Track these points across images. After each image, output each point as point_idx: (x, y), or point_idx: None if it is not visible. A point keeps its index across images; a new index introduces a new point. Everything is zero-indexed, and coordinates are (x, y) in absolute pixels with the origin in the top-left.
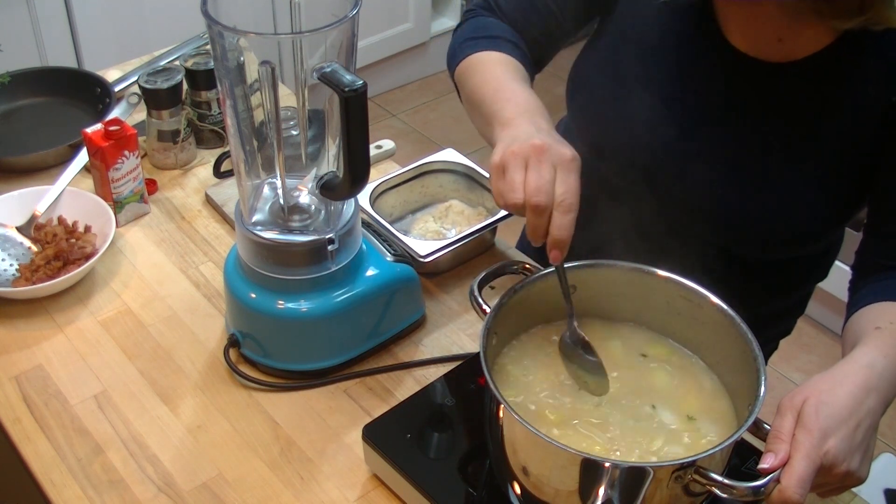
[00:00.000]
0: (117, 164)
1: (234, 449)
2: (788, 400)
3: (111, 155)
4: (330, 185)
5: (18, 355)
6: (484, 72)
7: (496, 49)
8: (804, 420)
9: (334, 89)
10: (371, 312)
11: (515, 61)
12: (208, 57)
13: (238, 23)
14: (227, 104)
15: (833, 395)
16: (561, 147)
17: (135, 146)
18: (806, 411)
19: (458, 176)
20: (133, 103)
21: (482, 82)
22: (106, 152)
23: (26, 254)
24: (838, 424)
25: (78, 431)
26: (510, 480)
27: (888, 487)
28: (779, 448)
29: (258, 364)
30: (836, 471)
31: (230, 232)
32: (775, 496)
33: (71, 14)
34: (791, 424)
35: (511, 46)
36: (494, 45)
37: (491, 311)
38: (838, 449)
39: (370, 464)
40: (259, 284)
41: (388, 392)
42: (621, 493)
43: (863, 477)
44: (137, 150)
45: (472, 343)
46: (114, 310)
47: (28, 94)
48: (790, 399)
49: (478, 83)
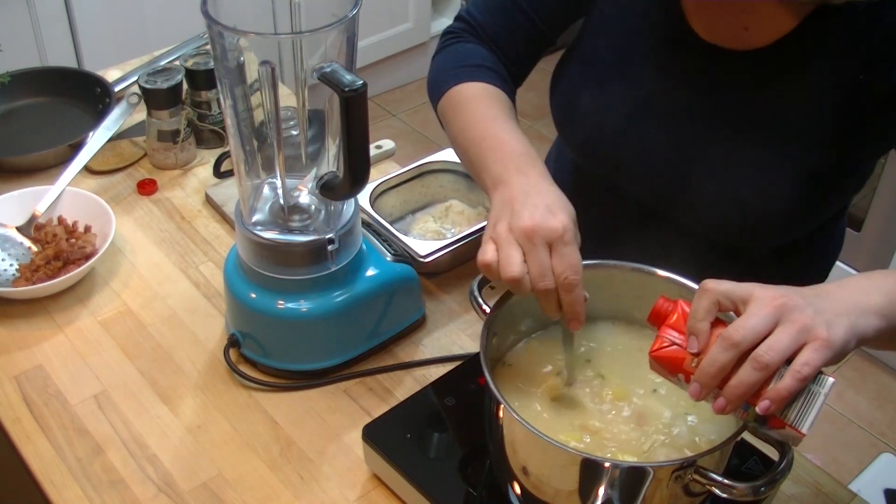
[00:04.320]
0: None
1: (234, 449)
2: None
3: None
4: (330, 185)
5: (18, 355)
6: (468, 112)
7: (477, 79)
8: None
9: (334, 89)
10: (371, 312)
11: (498, 92)
12: (208, 57)
13: (238, 23)
14: (227, 104)
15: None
16: (550, 220)
17: None
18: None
19: (458, 176)
20: (133, 103)
21: (466, 125)
22: None
23: (26, 254)
24: (802, 290)
25: (78, 431)
26: (510, 480)
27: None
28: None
29: (258, 364)
30: (793, 317)
31: (230, 232)
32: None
33: (71, 14)
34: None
35: (492, 75)
36: (476, 76)
37: (491, 311)
38: (795, 301)
39: (370, 464)
40: (259, 284)
41: (388, 392)
42: (621, 492)
43: (832, 338)
44: None
45: (472, 343)
46: (114, 310)
47: (28, 94)
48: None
49: (462, 126)
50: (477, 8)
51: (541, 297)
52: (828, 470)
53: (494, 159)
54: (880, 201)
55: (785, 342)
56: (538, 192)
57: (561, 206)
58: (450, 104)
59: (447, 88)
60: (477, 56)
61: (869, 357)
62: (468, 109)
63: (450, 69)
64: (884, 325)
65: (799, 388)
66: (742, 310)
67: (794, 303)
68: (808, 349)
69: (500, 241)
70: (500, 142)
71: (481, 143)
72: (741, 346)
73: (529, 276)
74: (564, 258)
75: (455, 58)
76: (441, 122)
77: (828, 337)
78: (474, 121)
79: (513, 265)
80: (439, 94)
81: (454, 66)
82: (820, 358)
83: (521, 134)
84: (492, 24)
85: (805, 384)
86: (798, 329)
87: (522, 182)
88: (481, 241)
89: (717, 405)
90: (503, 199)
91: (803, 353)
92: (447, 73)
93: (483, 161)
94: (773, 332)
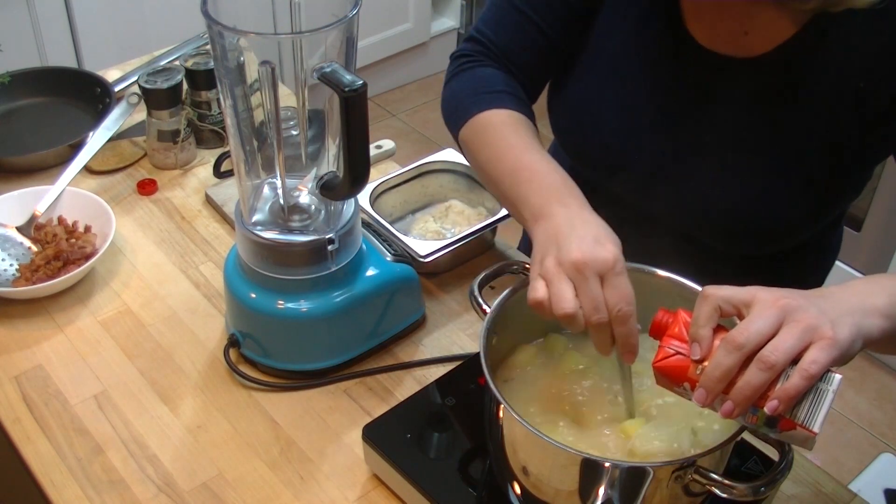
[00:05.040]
0: None
1: (234, 449)
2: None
3: None
4: (330, 185)
5: (18, 355)
6: (496, 142)
7: (500, 105)
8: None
9: (334, 89)
10: (371, 312)
11: (524, 118)
12: (208, 57)
13: (238, 23)
14: (227, 104)
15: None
16: (600, 252)
17: None
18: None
19: (458, 176)
20: (133, 103)
21: (496, 156)
22: None
23: (26, 254)
24: (806, 293)
25: (78, 431)
26: (510, 480)
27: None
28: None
29: (258, 364)
30: (797, 317)
31: (230, 232)
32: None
33: (71, 14)
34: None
35: (514, 100)
36: (497, 101)
37: (491, 311)
38: (798, 301)
39: (370, 464)
40: (259, 284)
41: (388, 392)
42: (621, 493)
43: (838, 337)
44: None
45: (472, 343)
46: (114, 310)
47: (28, 94)
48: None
49: (490, 156)
50: (487, 25)
51: (594, 331)
52: (828, 470)
53: (532, 191)
54: (880, 201)
55: (790, 342)
56: (583, 223)
57: (608, 236)
58: (475, 132)
59: (469, 116)
60: (496, 81)
61: (869, 357)
62: (496, 139)
63: (469, 96)
64: (889, 326)
65: (807, 386)
66: (745, 313)
67: (798, 303)
68: (814, 348)
69: (549, 277)
70: (535, 172)
71: (515, 175)
72: (746, 349)
73: (583, 311)
74: (617, 290)
75: (473, 83)
76: (463, 151)
77: (833, 335)
78: (505, 151)
79: (566, 301)
80: (461, 121)
81: (474, 93)
82: (827, 356)
83: (555, 162)
84: (503, 40)
85: (813, 382)
86: (803, 329)
87: (565, 213)
88: (529, 278)
89: (724, 409)
90: (547, 234)
91: (810, 351)
92: (467, 100)
93: (519, 193)
94: (778, 333)
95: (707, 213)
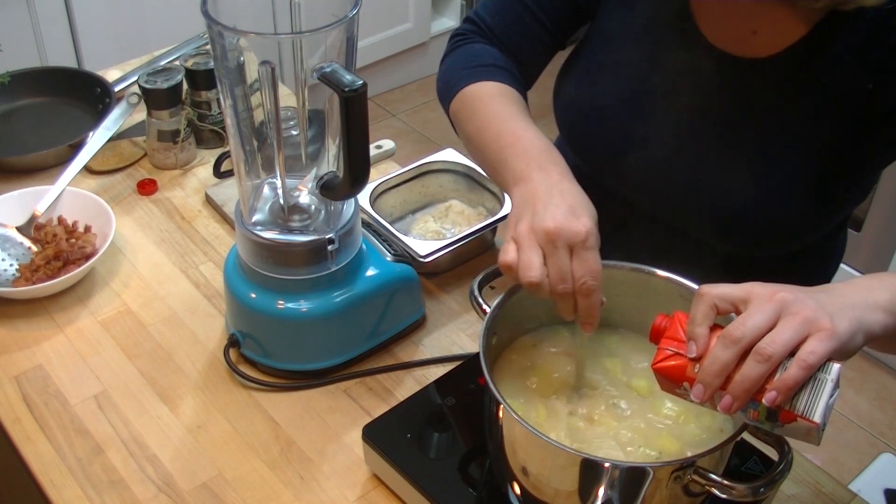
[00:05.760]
0: None
1: (234, 449)
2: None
3: None
4: (330, 185)
5: (18, 355)
6: (483, 111)
7: (490, 78)
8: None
9: (334, 89)
10: (371, 312)
11: (512, 90)
12: (208, 57)
13: (238, 23)
14: (227, 104)
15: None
16: (574, 223)
17: None
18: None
19: (458, 176)
20: (133, 103)
21: (482, 124)
22: None
23: (26, 254)
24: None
25: (78, 431)
26: (510, 480)
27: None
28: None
29: (258, 364)
30: (794, 310)
31: (230, 232)
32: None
33: (71, 14)
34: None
35: (505, 74)
36: (487, 74)
37: (491, 311)
38: (795, 295)
39: (370, 464)
40: (259, 284)
41: (388, 392)
42: (621, 493)
43: (836, 328)
44: None
45: (472, 343)
46: (114, 310)
47: (28, 94)
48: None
49: (477, 125)
50: (486, 10)
51: (558, 300)
52: (828, 470)
53: (514, 156)
54: (880, 201)
55: (787, 334)
56: (561, 192)
57: (584, 208)
58: (463, 104)
59: (459, 89)
60: (488, 56)
61: (869, 357)
62: (483, 108)
63: (461, 69)
64: (891, 322)
65: (805, 376)
66: (742, 310)
67: (795, 297)
68: (812, 339)
69: (521, 242)
70: (518, 138)
71: (499, 140)
72: (743, 342)
73: (549, 280)
74: (585, 263)
75: (465, 58)
76: (453, 124)
77: (832, 327)
78: (490, 119)
79: (532, 269)
80: (451, 95)
81: (465, 67)
82: (825, 347)
83: (539, 131)
84: (501, 27)
85: (811, 372)
86: (800, 321)
87: (545, 180)
88: (504, 239)
89: (723, 404)
90: (524, 197)
91: (808, 343)
92: (458, 74)
93: (502, 158)
94: (776, 326)
95: (712, 212)
